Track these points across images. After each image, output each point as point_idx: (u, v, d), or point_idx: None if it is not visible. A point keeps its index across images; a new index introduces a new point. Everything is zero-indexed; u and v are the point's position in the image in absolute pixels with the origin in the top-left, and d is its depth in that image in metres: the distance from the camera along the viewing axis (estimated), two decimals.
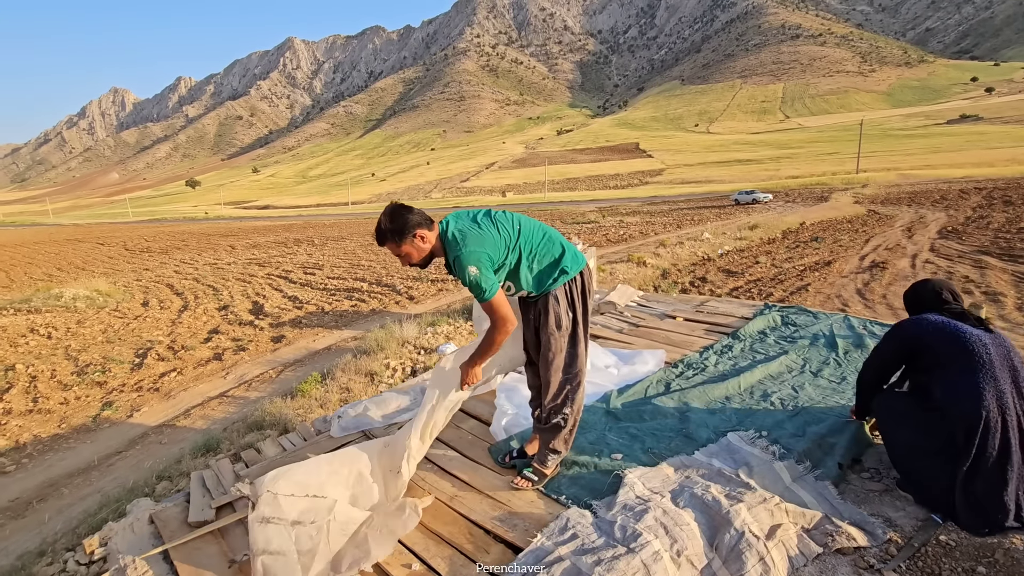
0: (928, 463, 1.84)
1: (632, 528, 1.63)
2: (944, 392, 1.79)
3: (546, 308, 2.11)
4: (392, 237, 1.98)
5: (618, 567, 1.48)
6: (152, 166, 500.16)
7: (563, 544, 1.63)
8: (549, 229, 2.17)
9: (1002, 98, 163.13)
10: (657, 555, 1.53)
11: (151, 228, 58.92)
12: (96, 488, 5.12)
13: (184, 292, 14.83)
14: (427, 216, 2.03)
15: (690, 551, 1.58)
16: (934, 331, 1.87)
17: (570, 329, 2.12)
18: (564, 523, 1.76)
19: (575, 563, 1.53)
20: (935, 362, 1.86)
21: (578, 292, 2.13)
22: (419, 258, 2.03)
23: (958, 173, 42.50)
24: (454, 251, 1.95)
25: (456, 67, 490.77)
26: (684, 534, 1.61)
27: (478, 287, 1.92)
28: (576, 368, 2.15)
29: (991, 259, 11.90)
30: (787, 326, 3.54)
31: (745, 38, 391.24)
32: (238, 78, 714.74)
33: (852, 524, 1.71)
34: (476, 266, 1.91)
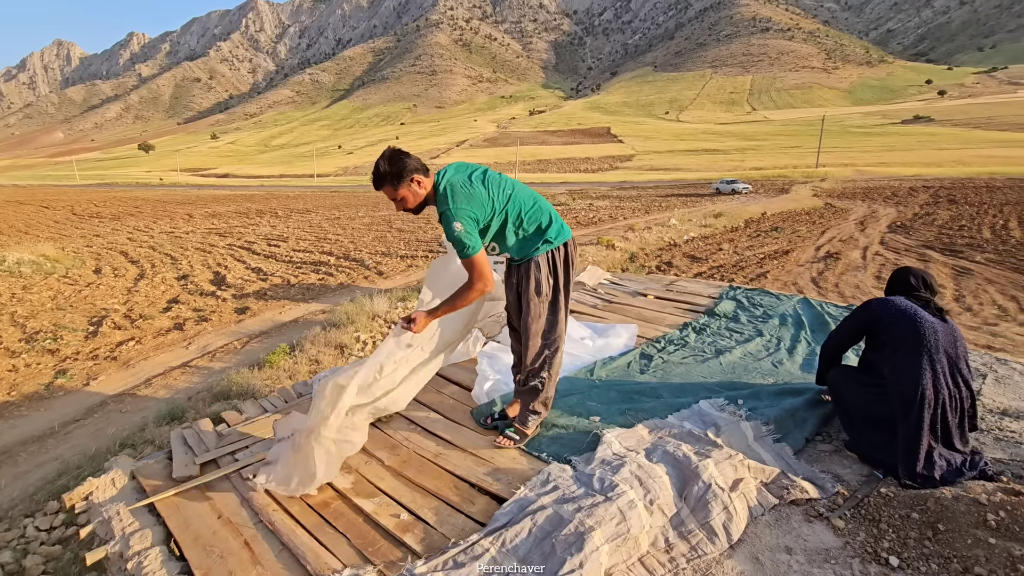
0: (872, 429, 2.06)
1: (609, 479, 1.75)
2: (891, 371, 2.00)
3: (528, 273, 2.17)
4: (390, 180, 2.01)
5: (597, 513, 1.60)
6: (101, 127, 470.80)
7: (545, 494, 1.74)
8: (541, 199, 2.22)
9: (953, 101, 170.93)
10: (632, 503, 1.65)
11: (101, 192, 55.79)
12: (54, 455, 4.98)
13: (140, 260, 14.24)
14: (424, 164, 2.07)
15: (662, 500, 1.71)
16: (896, 313, 2.06)
17: (550, 296, 2.19)
18: (546, 476, 1.86)
19: (557, 511, 1.63)
20: (888, 342, 2.05)
21: (560, 262, 2.18)
22: (414, 203, 2.07)
23: (909, 172, 44.54)
24: (443, 205, 2.00)
25: (428, 39, 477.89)
26: (657, 485, 1.75)
27: (461, 243, 1.97)
28: (555, 334, 2.22)
29: (934, 253, 12.65)
30: (755, 307, 3.75)
31: (717, 28, 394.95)
32: (196, 38, 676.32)
33: (805, 479, 1.89)
34: (461, 223, 1.96)
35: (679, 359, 2.98)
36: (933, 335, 1.97)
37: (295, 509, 1.84)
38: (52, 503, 4.09)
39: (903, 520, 1.65)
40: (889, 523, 1.66)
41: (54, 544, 3.64)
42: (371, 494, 1.91)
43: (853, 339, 2.28)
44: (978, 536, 1.54)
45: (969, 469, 1.88)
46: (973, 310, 8.17)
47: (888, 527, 1.65)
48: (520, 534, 1.57)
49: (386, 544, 1.66)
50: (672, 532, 1.67)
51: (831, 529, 1.70)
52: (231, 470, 2.07)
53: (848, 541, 1.64)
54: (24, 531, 3.87)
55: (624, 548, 1.57)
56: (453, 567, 1.48)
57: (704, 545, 1.64)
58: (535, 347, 2.20)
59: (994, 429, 2.25)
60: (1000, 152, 61.09)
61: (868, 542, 1.62)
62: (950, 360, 1.96)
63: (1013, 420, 2.31)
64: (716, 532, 1.66)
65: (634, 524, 1.61)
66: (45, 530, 3.91)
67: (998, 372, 2.83)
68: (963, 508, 1.62)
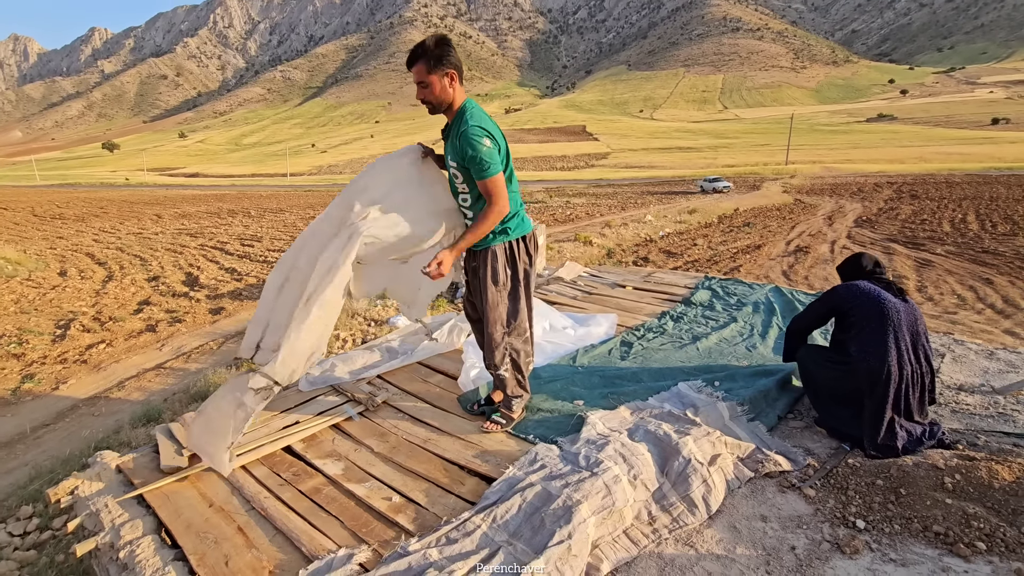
0: (839, 405, 2.19)
1: (595, 457, 1.82)
2: (858, 350, 2.11)
3: (484, 262, 2.17)
4: (428, 59, 1.94)
5: (583, 487, 1.66)
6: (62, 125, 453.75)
7: (533, 473, 1.80)
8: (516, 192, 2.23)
9: (914, 100, 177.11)
10: (617, 478, 1.73)
11: (63, 193, 53.86)
12: (23, 461, 4.85)
13: (107, 262, 13.83)
14: None
15: (644, 476, 1.79)
16: (862, 296, 2.16)
17: (508, 286, 2.19)
18: (533, 456, 1.93)
19: (545, 487, 1.70)
20: (855, 323, 2.16)
21: (519, 254, 2.19)
22: (437, 94, 2.00)
23: (874, 168, 46.04)
24: (467, 123, 1.95)
25: (402, 37, 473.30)
26: (639, 462, 1.82)
27: (485, 162, 1.92)
28: (516, 321, 2.22)
29: (898, 246, 13.15)
30: (729, 296, 3.89)
31: (689, 27, 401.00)
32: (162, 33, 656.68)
33: (778, 453, 1.99)
34: (490, 139, 1.93)
35: (658, 346, 3.08)
36: (896, 314, 2.08)
37: (287, 495, 1.86)
38: (25, 508, 3.99)
39: (868, 487, 1.76)
40: (856, 490, 1.77)
41: (28, 549, 3.56)
42: (362, 479, 1.94)
43: (819, 322, 2.39)
44: (936, 498, 1.65)
45: (928, 439, 2.01)
46: (934, 300, 8.53)
47: (855, 494, 1.76)
48: (511, 510, 1.62)
49: (379, 525, 1.70)
50: (655, 505, 1.75)
51: (803, 498, 1.80)
52: None
53: (819, 508, 1.74)
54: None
55: (610, 521, 1.64)
56: (446, 543, 1.53)
57: (685, 516, 1.72)
58: (496, 335, 2.20)
59: (951, 403, 2.40)
60: (958, 149, 63.65)
61: (837, 508, 1.73)
62: (912, 337, 2.09)
63: (968, 394, 2.46)
64: (696, 504, 1.75)
65: (619, 498, 1.68)
66: (19, 535, 3.81)
67: (955, 352, 3.00)
68: (923, 474, 1.74)
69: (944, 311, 7.92)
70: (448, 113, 2.07)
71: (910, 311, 2.13)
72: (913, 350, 2.07)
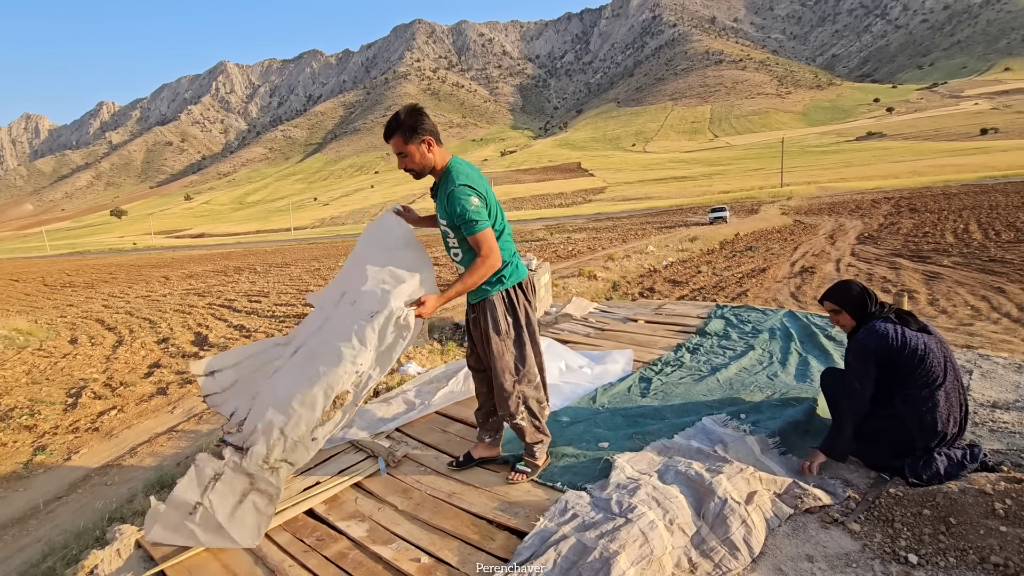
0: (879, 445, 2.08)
1: (627, 502, 1.76)
2: (905, 403, 2.01)
3: (484, 313, 2.17)
4: (403, 131, 1.99)
5: (619, 536, 1.60)
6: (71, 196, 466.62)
7: (565, 523, 1.73)
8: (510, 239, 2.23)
9: (901, 117, 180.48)
10: (653, 524, 1.66)
11: (72, 261, 54.83)
12: (36, 537, 4.74)
13: (117, 327, 13.93)
14: (440, 136, 2.08)
15: (680, 520, 1.72)
16: (896, 350, 2.01)
17: (512, 334, 2.18)
18: (563, 505, 1.86)
19: (579, 539, 1.63)
20: (897, 375, 2.04)
21: (518, 300, 2.18)
22: (417, 162, 2.04)
23: (869, 185, 46.44)
24: (454, 183, 1.99)
25: (397, 91, 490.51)
26: (674, 505, 1.76)
27: (472, 219, 1.95)
28: (526, 368, 2.19)
29: (904, 260, 13.11)
30: (744, 323, 3.85)
31: (674, 63, 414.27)
32: (167, 103, 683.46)
33: (816, 487, 1.92)
34: (477, 196, 1.96)
35: (677, 379, 3.03)
36: (938, 364, 1.98)
37: (312, 563, 1.79)
38: None
39: (916, 518, 1.69)
40: (903, 522, 1.69)
41: None
42: (388, 540, 1.87)
43: (871, 387, 2.10)
44: (989, 526, 1.58)
45: (970, 462, 1.94)
46: (948, 312, 8.42)
47: (903, 526, 1.68)
48: (545, 566, 1.56)
49: None
50: (694, 551, 1.68)
51: (848, 533, 1.72)
52: None
53: (866, 543, 1.67)
54: None
55: (649, 571, 1.57)
56: None
57: (727, 561, 1.64)
58: (506, 385, 2.16)
59: (987, 422, 2.33)
60: (951, 161, 64.32)
61: (885, 542, 1.65)
62: (956, 376, 2.00)
63: (1004, 411, 2.39)
64: (738, 547, 1.67)
65: (656, 545, 1.62)
66: None
67: (983, 367, 2.93)
68: (971, 500, 1.67)
69: (960, 323, 7.81)
70: (434, 174, 2.13)
71: (940, 344, 2.05)
72: (952, 383, 2.00)
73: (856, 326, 2.17)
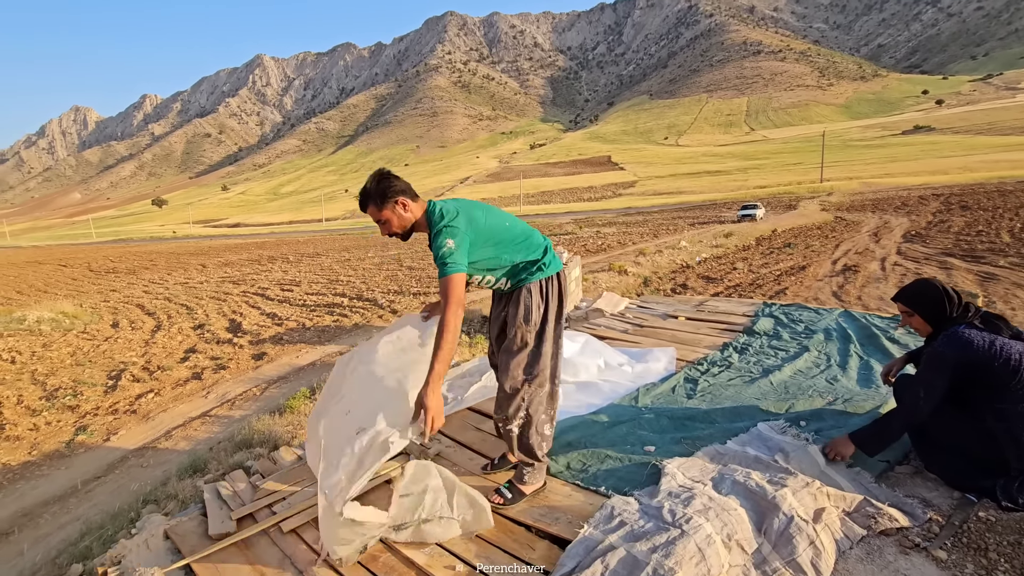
0: (963, 460, 1.86)
1: (682, 512, 1.62)
2: (1000, 420, 1.79)
3: (517, 299, 2.03)
4: (374, 200, 1.95)
5: (675, 552, 1.46)
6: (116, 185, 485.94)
7: (612, 532, 1.60)
8: (534, 231, 2.15)
9: (951, 110, 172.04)
10: (710, 539, 1.52)
11: (116, 248, 57.05)
12: (75, 516, 4.86)
13: (156, 312, 14.35)
14: (413, 190, 2.00)
15: (740, 535, 1.56)
16: (984, 357, 1.80)
17: (538, 325, 2.02)
18: (609, 511, 1.73)
19: (629, 551, 1.50)
20: (988, 387, 1.83)
21: (553, 292, 2.06)
22: (399, 226, 1.98)
23: (915, 181, 44.42)
24: (436, 225, 1.92)
25: (428, 83, 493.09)
26: (733, 519, 1.60)
27: (444, 259, 1.83)
28: (538, 368, 1.99)
29: (955, 260, 12.40)
30: (795, 323, 3.62)
31: (709, 54, 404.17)
32: (206, 95, 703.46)
33: (891, 506, 1.73)
34: (453, 239, 1.86)
35: (726, 381, 2.84)
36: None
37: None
38: (75, 567, 3.95)
39: (1014, 547, 1.49)
40: (999, 551, 1.50)
41: None
42: (421, 544, 1.77)
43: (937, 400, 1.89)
44: None
45: None
46: (1007, 316, 7.91)
47: (999, 556, 1.48)
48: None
49: None
50: (754, 572, 1.52)
51: (933, 562, 1.53)
52: (269, 524, 1.94)
53: (956, 574, 1.48)
54: None
55: None
56: None
57: None
58: (512, 379, 1.97)
59: None
60: (1006, 156, 60.96)
61: (980, 574, 1.46)
62: None
63: None
64: (804, 570, 1.51)
65: (714, 563, 1.47)
66: None
67: None
68: None
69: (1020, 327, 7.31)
70: (419, 228, 2.03)
71: None
72: None
73: (933, 331, 1.95)
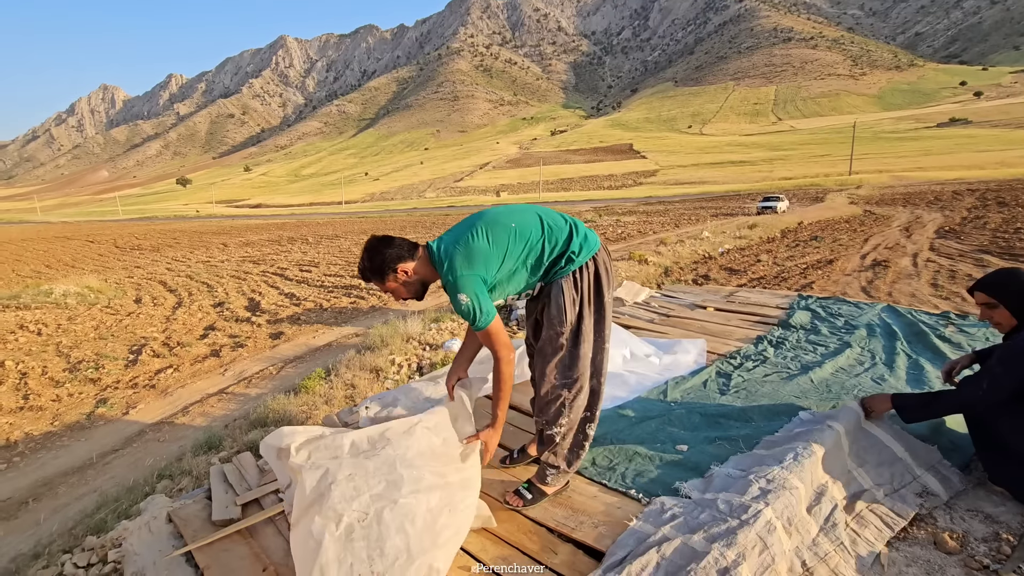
0: None
1: (738, 501, 1.53)
2: None
3: (549, 297, 1.86)
4: (373, 277, 1.84)
5: (737, 542, 1.36)
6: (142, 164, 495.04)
7: (664, 524, 1.51)
8: (552, 214, 1.92)
9: (990, 102, 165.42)
10: (770, 526, 1.42)
11: (141, 226, 58.17)
12: (93, 487, 4.90)
13: (178, 289, 14.53)
14: (409, 246, 1.85)
15: (798, 519, 1.48)
16: None
17: (574, 325, 1.83)
18: (659, 506, 1.63)
19: (686, 542, 1.41)
20: None
21: (589, 282, 1.84)
22: (409, 293, 1.89)
23: (949, 175, 42.93)
24: (444, 276, 1.79)
25: (450, 67, 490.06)
26: (792, 499, 1.51)
27: (471, 313, 1.72)
28: (576, 373, 1.83)
29: (993, 258, 11.88)
30: (835, 317, 3.42)
31: (738, 40, 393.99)
32: (230, 76, 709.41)
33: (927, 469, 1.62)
34: (467, 293, 1.70)
35: (761, 376, 2.68)
36: None
37: None
38: (90, 538, 3.96)
39: None
40: None
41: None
42: None
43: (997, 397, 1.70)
44: None
45: None
46: None
47: None
48: (647, 568, 1.35)
49: None
50: (807, 553, 1.41)
51: None
52: (275, 512, 1.86)
53: None
54: (62, 568, 3.73)
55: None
56: None
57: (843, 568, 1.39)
58: (548, 384, 1.86)
59: None
60: None
61: None
62: None
63: None
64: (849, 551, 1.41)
65: (776, 551, 1.39)
66: (83, 567, 3.77)
67: None
68: None
69: None
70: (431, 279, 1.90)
71: None
72: None
73: (1017, 326, 1.75)
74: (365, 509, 1.38)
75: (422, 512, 1.43)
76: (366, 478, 1.44)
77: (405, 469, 1.49)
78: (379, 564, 1.32)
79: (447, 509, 1.49)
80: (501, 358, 1.77)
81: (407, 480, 1.46)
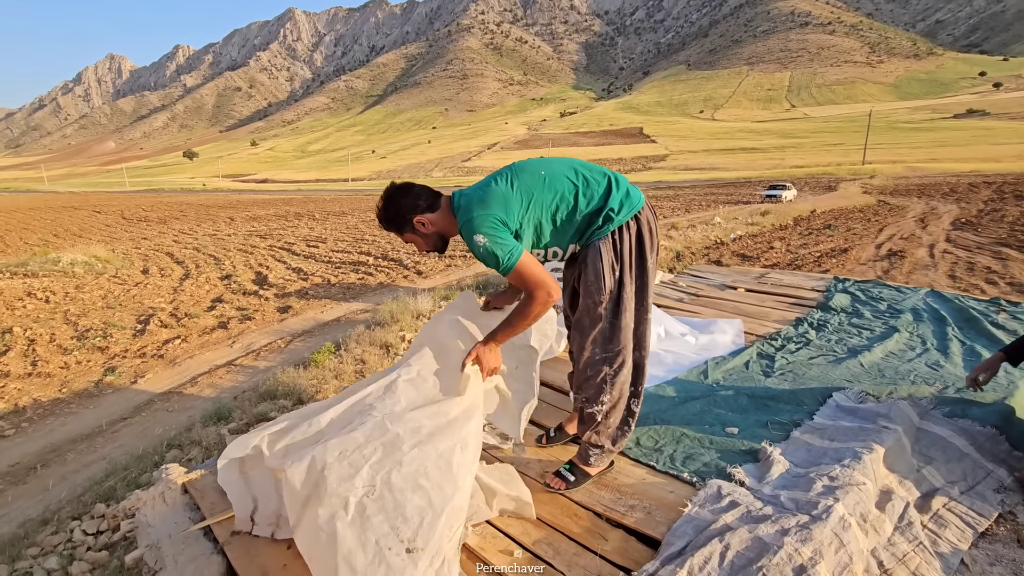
0: None
1: (804, 497, 1.42)
2: None
3: (585, 262, 1.68)
4: (390, 227, 1.71)
5: (813, 537, 1.26)
6: (149, 136, 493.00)
7: (724, 512, 1.41)
8: (589, 166, 1.74)
9: (1010, 94, 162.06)
10: (844, 523, 1.32)
11: (148, 198, 58.08)
12: (101, 455, 4.85)
13: (185, 261, 14.47)
14: (429, 194, 1.68)
15: (873, 516, 1.38)
16: None
17: (614, 292, 1.66)
18: (716, 491, 1.52)
19: (753, 533, 1.30)
20: None
21: (630, 244, 1.65)
22: (429, 245, 1.74)
23: (965, 167, 42.24)
24: (460, 221, 1.62)
25: (459, 44, 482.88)
26: (863, 495, 1.41)
27: (492, 256, 1.54)
28: (618, 346, 1.68)
29: (1011, 251, 11.63)
30: (876, 301, 3.28)
31: (753, 24, 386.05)
32: (237, 48, 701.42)
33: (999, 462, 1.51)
34: (482, 233, 1.54)
35: (806, 359, 2.56)
36: None
37: None
38: (99, 506, 3.91)
39: None
40: None
41: (100, 550, 3.43)
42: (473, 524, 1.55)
43: None
44: None
45: None
46: None
47: None
48: (711, 561, 1.25)
49: None
50: (884, 553, 1.29)
51: None
52: None
53: None
54: (71, 535, 3.68)
55: None
56: None
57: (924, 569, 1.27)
58: (588, 359, 1.71)
59: None
60: None
61: None
62: None
63: None
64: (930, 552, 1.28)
65: (853, 550, 1.28)
66: (92, 534, 3.72)
67: None
68: None
69: None
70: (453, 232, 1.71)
71: None
72: None
73: None
74: (370, 482, 1.25)
75: (433, 461, 1.31)
76: (359, 450, 1.30)
77: (398, 426, 1.35)
78: (405, 530, 1.20)
79: (459, 447, 1.36)
80: (536, 298, 1.56)
81: (405, 435, 1.33)
